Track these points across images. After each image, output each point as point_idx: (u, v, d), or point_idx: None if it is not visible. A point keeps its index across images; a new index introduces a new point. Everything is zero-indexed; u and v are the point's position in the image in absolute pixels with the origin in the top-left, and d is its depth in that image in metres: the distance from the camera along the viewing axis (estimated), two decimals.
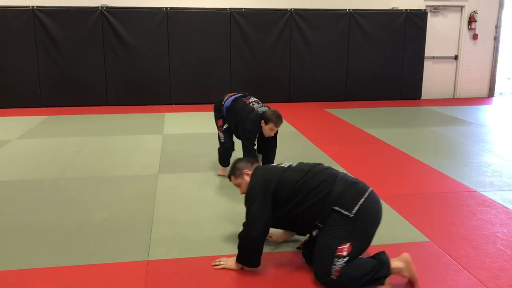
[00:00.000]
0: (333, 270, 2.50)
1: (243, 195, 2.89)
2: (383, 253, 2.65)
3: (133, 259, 2.97)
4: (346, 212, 2.58)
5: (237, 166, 3.00)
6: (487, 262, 2.94)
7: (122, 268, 2.86)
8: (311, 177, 2.74)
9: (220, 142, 4.67)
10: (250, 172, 2.92)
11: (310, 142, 5.99)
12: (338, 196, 2.63)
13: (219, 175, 4.66)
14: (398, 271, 2.61)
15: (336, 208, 2.61)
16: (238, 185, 3.00)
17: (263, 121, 4.26)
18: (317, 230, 2.70)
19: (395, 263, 2.61)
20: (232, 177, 3.01)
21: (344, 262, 2.50)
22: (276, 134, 4.44)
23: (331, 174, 2.77)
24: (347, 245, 2.53)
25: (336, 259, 2.50)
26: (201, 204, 3.96)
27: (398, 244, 3.15)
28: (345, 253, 2.52)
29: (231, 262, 2.83)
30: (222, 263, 2.85)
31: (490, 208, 3.84)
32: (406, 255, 2.66)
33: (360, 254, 2.64)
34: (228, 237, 3.28)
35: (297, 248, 3.08)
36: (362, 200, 2.63)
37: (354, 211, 2.58)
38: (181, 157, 5.35)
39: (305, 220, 2.73)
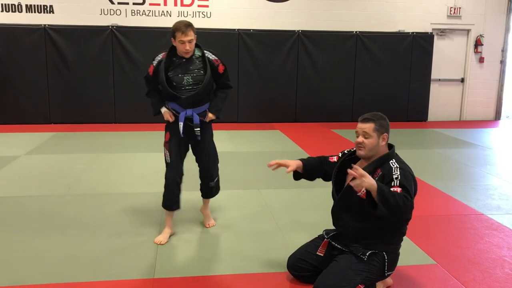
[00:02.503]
0: None
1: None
2: None
3: (140, 276, 2.97)
4: (385, 269, 2.70)
5: (384, 123, 2.63)
6: (495, 286, 2.91)
7: (129, 286, 2.86)
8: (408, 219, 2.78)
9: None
10: (387, 139, 2.65)
11: None
12: (395, 252, 2.76)
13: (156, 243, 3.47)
14: None
15: (386, 256, 2.69)
16: (367, 135, 2.60)
17: (172, 39, 3.45)
18: (359, 254, 2.68)
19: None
20: (373, 124, 2.59)
21: None
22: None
23: None
24: (363, 287, 2.66)
25: None
26: None
27: (405, 267, 3.12)
28: None
29: (371, 181, 2.40)
30: (363, 175, 2.38)
31: (497, 232, 3.82)
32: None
33: None
34: (235, 256, 3.27)
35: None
36: (395, 269, 2.80)
37: (388, 274, 2.74)
38: (187, 175, 5.34)
39: (371, 235, 2.69)
